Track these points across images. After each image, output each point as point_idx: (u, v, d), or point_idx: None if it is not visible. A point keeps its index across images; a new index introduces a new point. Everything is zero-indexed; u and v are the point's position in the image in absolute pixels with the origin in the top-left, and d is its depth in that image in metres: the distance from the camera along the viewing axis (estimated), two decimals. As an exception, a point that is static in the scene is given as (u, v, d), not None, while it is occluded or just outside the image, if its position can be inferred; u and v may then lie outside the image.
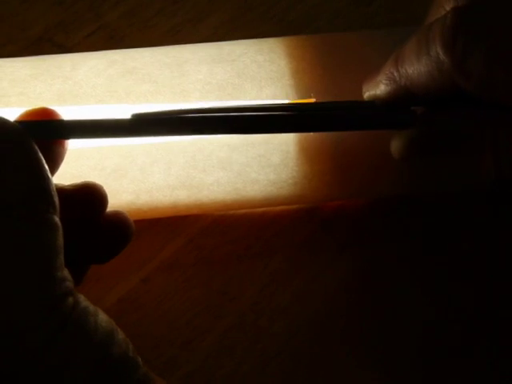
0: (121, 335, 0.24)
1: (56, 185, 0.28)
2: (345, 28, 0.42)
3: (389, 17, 0.43)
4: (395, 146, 0.31)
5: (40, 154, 0.24)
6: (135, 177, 0.34)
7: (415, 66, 0.27)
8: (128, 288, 0.36)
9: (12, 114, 0.27)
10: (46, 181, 0.24)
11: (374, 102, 0.30)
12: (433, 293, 0.37)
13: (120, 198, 0.34)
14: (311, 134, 0.35)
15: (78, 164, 0.33)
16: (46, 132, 0.27)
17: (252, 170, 0.35)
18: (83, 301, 0.23)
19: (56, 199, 0.24)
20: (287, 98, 0.35)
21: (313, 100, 0.35)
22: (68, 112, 0.33)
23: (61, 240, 0.23)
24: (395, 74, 0.28)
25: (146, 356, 0.34)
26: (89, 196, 0.28)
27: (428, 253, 0.38)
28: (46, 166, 0.24)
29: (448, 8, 0.28)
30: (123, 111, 0.28)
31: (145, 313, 0.36)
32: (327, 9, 0.43)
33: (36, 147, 0.24)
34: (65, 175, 0.32)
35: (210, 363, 0.35)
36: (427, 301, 0.37)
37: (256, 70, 0.35)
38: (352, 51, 0.37)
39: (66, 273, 0.23)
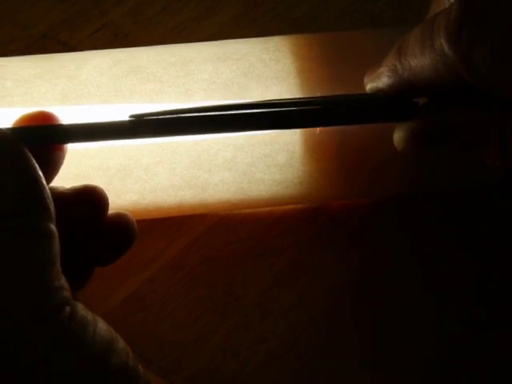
0: (121, 344, 0.23)
1: (56, 188, 0.27)
2: (350, 26, 0.42)
3: (394, 15, 0.43)
4: (397, 137, 0.30)
5: (34, 162, 0.24)
6: (140, 177, 0.34)
7: (419, 59, 0.26)
8: (133, 288, 0.36)
9: (16, 114, 0.27)
10: (41, 189, 0.23)
11: (375, 95, 0.30)
12: (440, 292, 0.37)
13: (125, 197, 0.34)
14: (317, 133, 0.35)
15: (83, 164, 0.33)
16: (43, 138, 0.26)
17: (257, 169, 0.35)
18: (81, 310, 0.23)
19: (51, 206, 0.23)
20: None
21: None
22: (72, 112, 0.33)
23: (57, 248, 0.23)
24: (398, 66, 0.28)
25: (151, 356, 0.34)
26: (89, 199, 0.28)
27: (435, 251, 0.38)
28: (41, 173, 0.24)
29: None
30: (128, 111, 0.28)
31: (150, 313, 0.36)
32: (332, 7, 0.43)
33: (29, 155, 0.24)
34: (69, 175, 0.32)
35: (214, 363, 0.35)
36: (434, 300, 0.37)
37: (262, 68, 0.35)
38: (358, 49, 0.36)
39: (63, 281, 0.23)
